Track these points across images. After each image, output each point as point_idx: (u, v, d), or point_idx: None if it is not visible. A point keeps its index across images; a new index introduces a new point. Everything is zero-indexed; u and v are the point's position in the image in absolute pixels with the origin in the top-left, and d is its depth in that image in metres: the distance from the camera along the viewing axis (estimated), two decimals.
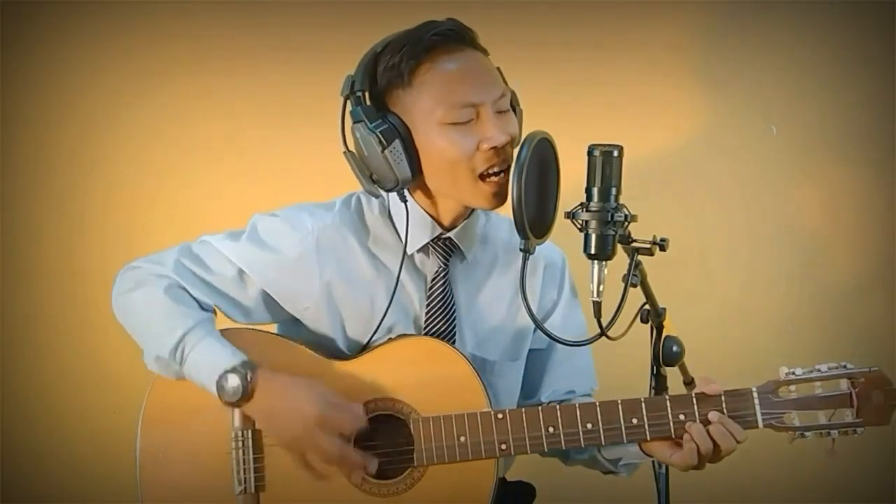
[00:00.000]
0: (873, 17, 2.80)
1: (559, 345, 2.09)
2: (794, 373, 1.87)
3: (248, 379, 1.90)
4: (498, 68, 1.99)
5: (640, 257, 1.85)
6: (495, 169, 1.93)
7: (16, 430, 2.87)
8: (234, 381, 1.90)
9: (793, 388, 1.87)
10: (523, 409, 1.94)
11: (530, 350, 2.14)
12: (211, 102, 2.84)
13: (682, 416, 1.88)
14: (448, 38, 1.94)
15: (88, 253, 2.87)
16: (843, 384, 1.87)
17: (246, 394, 1.90)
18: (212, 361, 1.92)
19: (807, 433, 1.87)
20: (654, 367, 1.93)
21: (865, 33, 2.81)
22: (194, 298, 2.00)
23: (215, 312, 2.04)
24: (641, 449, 1.95)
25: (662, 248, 1.84)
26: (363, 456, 1.92)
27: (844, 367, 1.88)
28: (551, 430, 1.92)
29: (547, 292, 2.14)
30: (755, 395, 1.88)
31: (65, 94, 2.85)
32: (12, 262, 2.88)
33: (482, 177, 1.94)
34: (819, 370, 1.87)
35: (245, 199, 2.81)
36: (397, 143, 1.92)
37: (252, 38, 2.83)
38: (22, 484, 2.86)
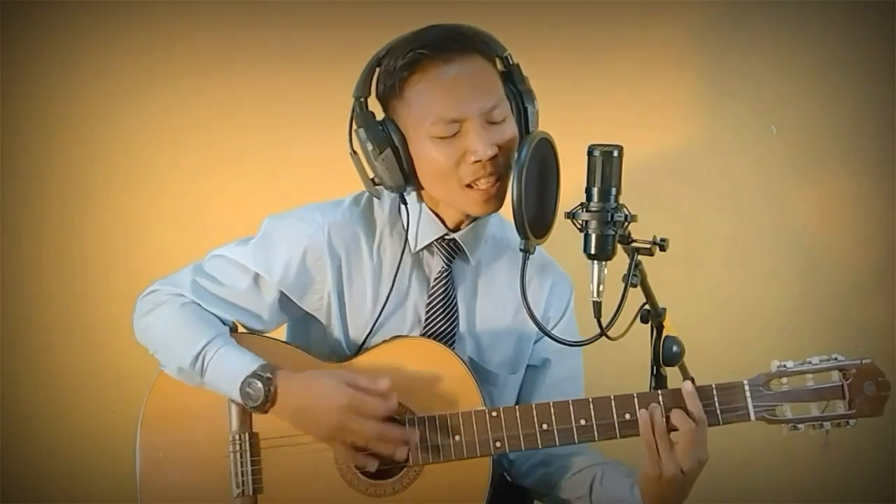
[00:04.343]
0: (873, 17, 2.80)
1: (552, 366, 2.14)
2: (785, 366, 1.88)
3: (271, 383, 1.91)
4: (517, 65, 1.98)
5: (640, 257, 1.85)
6: (482, 180, 1.93)
7: (16, 430, 2.87)
8: (256, 386, 1.91)
9: (784, 380, 1.88)
10: (517, 407, 1.94)
11: (527, 366, 2.14)
12: (212, 102, 2.84)
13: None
14: (441, 48, 1.92)
15: (89, 253, 2.87)
16: (835, 376, 1.89)
17: (270, 398, 1.91)
18: (232, 369, 1.94)
19: (799, 426, 1.88)
20: (654, 367, 1.93)
21: (865, 33, 2.81)
22: (213, 315, 2.01)
23: (235, 328, 2.05)
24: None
25: (662, 248, 1.84)
26: (403, 431, 1.92)
27: (836, 359, 1.89)
28: (545, 426, 1.92)
29: (549, 309, 2.13)
30: (746, 387, 1.89)
31: (65, 94, 2.85)
32: (12, 261, 2.88)
33: (469, 185, 1.94)
34: (811, 362, 1.89)
35: (246, 200, 2.81)
36: (389, 153, 1.94)
37: (253, 38, 2.83)
38: (22, 484, 2.86)
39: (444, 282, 2.05)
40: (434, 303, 2.05)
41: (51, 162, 2.87)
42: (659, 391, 1.90)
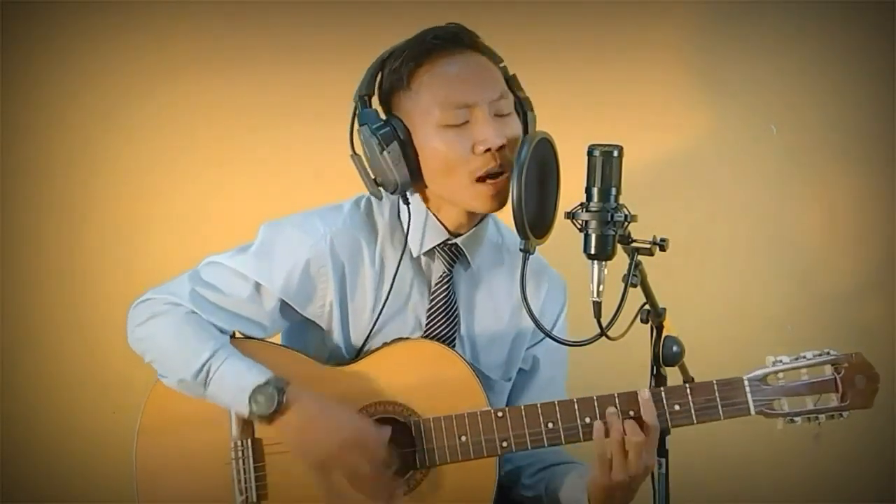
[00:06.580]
0: (873, 17, 2.80)
1: (539, 371, 2.15)
2: (780, 361, 1.92)
3: (283, 393, 1.90)
4: (514, 75, 2.00)
5: (640, 257, 1.85)
6: (493, 171, 1.94)
7: (16, 430, 2.87)
8: (268, 393, 1.90)
9: (780, 375, 1.92)
10: (522, 407, 1.94)
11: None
12: (212, 102, 2.84)
13: (677, 407, 1.90)
14: (448, 41, 1.95)
15: (89, 253, 2.87)
16: (828, 370, 1.92)
17: (280, 407, 1.90)
18: (239, 380, 1.92)
19: (796, 418, 1.91)
20: (654, 367, 1.93)
21: (865, 33, 2.81)
22: (213, 325, 2.00)
23: (233, 335, 2.04)
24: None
25: (662, 248, 1.85)
26: (394, 483, 1.93)
27: (828, 353, 1.93)
28: (550, 425, 1.93)
29: (543, 316, 2.12)
30: (746, 383, 1.91)
31: (65, 94, 2.85)
32: (12, 262, 2.88)
33: (480, 179, 1.94)
34: (805, 357, 1.93)
35: (246, 199, 2.81)
36: (395, 146, 1.93)
37: (253, 38, 2.83)
38: (22, 484, 2.86)
39: (445, 286, 2.05)
40: (436, 307, 2.05)
41: (50, 162, 2.87)
42: (661, 389, 1.91)
